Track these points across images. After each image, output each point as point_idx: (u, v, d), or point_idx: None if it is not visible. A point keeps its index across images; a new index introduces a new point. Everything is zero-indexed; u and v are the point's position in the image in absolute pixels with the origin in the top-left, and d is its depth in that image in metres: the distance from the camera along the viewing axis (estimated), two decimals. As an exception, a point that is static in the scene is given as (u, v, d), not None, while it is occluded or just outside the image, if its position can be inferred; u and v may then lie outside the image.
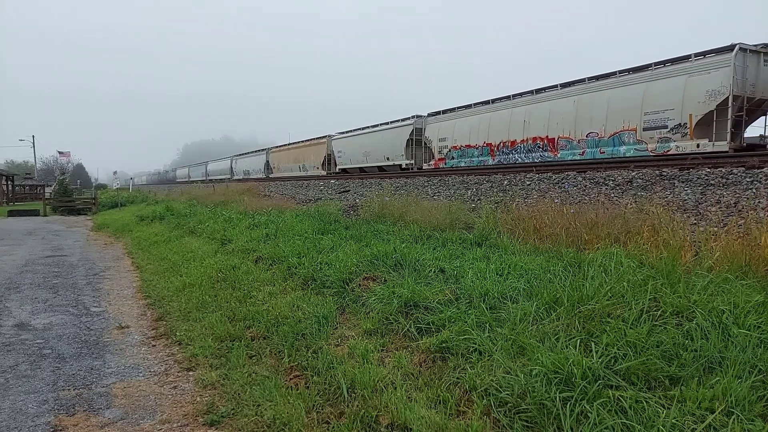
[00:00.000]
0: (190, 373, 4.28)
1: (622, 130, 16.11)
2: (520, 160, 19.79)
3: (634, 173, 10.75)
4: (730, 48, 13.68)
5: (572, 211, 6.38)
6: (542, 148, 18.90)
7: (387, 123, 29.46)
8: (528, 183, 12.49)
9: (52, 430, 3.35)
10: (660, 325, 3.15)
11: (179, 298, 6.51)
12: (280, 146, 46.67)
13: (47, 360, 4.66)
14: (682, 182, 9.38)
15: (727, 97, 13.41)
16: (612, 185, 10.39)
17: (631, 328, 3.11)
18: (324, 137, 36.67)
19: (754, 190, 7.90)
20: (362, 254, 6.02)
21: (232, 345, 4.57)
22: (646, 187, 9.57)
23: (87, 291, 7.69)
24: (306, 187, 24.23)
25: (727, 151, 13.22)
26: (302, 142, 41.10)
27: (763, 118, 14.82)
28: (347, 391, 3.32)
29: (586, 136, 17.22)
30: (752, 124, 14.93)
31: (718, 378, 2.57)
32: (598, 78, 17.44)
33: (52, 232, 17.75)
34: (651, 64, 15.75)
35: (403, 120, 27.94)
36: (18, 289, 7.81)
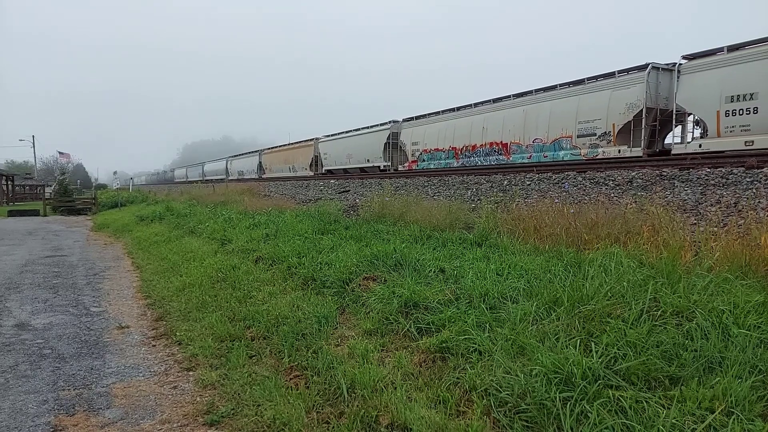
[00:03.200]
0: (190, 373, 4.28)
1: (561, 137, 18.39)
2: (479, 162, 22.03)
3: (634, 173, 10.76)
4: (644, 66, 15.72)
5: (572, 211, 6.38)
6: (498, 152, 21.22)
7: (367, 127, 31.23)
8: (528, 183, 12.50)
9: (52, 430, 3.35)
10: (660, 325, 3.14)
11: (179, 298, 6.51)
12: (272, 148, 47.96)
13: (47, 360, 4.66)
14: (682, 182, 9.38)
15: (642, 109, 15.54)
16: (612, 185, 10.40)
17: (631, 328, 3.10)
18: (311, 140, 38.04)
19: (754, 190, 7.90)
20: (362, 254, 6.02)
21: (232, 345, 4.57)
22: (646, 187, 9.57)
23: (87, 291, 7.68)
24: (306, 187, 24.27)
25: (641, 156, 15.35)
26: (292, 144, 42.46)
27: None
28: (347, 391, 3.32)
29: (533, 142, 19.49)
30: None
31: (718, 378, 2.57)
32: (545, 90, 19.54)
33: (52, 232, 17.75)
34: (584, 79, 18.01)
35: (381, 125, 29.82)
36: (18, 289, 7.81)
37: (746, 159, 10.74)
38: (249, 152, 55.32)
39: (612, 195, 9.36)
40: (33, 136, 65.06)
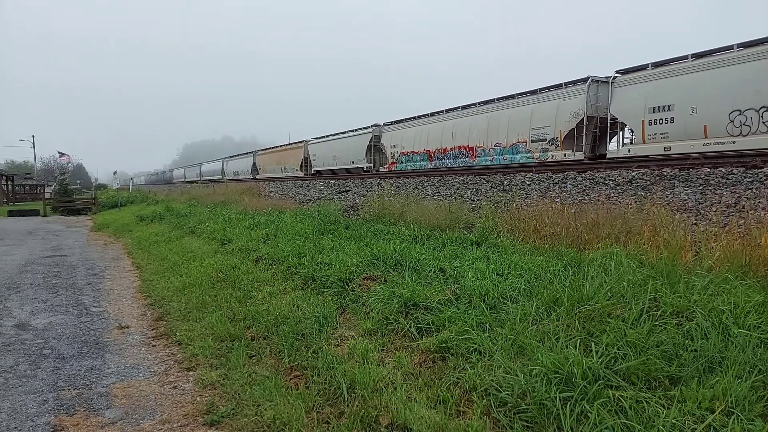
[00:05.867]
0: (190, 373, 4.28)
1: (517, 141, 20.11)
2: (449, 164, 23.67)
3: (634, 173, 10.76)
4: (586, 79, 17.41)
5: (572, 211, 6.37)
6: (465, 155, 22.88)
7: (352, 130, 33.15)
8: (528, 183, 12.50)
9: (52, 430, 3.35)
10: (660, 325, 3.14)
11: (179, 298, 6.51)
12: (265, 149, 50.16)
13: (47, 360, 4.66)
14: (682, 182, 9.38)
15: (583, 118, 17.25)
16: (612, 185, 10.40)
17: (631, 328, 3.10)
18: (302, 142, 39.91)
19: (754, 190, 7.90)
20: (362, 254, 6.02)
21: (232, 345, 4.57)
22: (646, 187, 9.57)
23: (87, 291, 7.69)
24: (305, 187, 24.32)
25: (582, 159, 17.09)
26: (283, 146, 44.35)
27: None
28: (347, 391, 3.32)
29: (494, 146, 21.27)
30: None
31: (718, 378, 2.57)
32: (506, 98, 21.32)
33: (52, 232, 17.75)
34: (538, 89, 19.72)
35: (364, 128, 31.66)
36: (18, 289, 7.81)
37: (747, 159, 10.75)
38: (244, 153, 57.01)
39: (612, 195, 9.36)
40: (33, 136, 65.18)
